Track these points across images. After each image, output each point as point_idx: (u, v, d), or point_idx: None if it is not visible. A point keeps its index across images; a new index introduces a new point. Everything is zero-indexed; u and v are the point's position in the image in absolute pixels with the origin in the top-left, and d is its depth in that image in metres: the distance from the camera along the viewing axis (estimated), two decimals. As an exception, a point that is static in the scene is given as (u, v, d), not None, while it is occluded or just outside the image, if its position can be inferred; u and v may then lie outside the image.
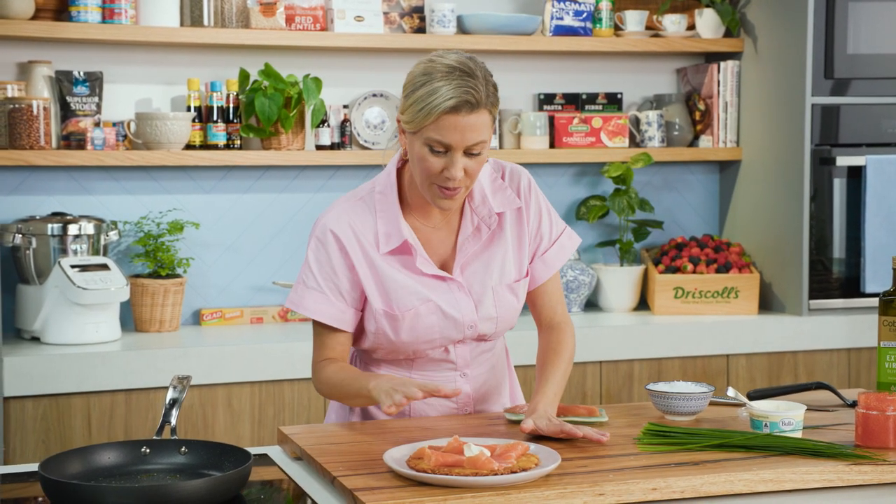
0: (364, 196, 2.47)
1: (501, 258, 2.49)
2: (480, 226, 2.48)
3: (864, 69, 4.20)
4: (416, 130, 2.32)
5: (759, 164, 4.36)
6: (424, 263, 2.44)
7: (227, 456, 2.18)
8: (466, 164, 2.32)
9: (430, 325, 2.44)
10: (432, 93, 2.28)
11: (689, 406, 2.44)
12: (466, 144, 2.30)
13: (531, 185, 2.54)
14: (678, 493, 2.05)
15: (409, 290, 2.43)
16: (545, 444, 2.20)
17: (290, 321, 4.08)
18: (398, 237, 2.42)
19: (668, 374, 4.02)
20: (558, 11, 4.23)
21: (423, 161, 2.33)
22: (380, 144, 4.19)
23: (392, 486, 2.01)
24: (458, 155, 2.31)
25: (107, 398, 3.53)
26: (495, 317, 2.48)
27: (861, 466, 2.13)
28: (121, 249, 3.99)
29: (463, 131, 2.28)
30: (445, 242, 2.49)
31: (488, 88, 2.32)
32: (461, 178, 2.33)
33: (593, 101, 4.40)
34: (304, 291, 2.46)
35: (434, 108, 2.27)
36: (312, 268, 2.45)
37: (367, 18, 4.05)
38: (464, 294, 2.46)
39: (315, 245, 2.45)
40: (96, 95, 3.89)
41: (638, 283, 4.31)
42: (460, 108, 2.27)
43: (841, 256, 4.23)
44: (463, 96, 2.27)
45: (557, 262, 2.56)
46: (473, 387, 2.55)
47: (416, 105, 2.30)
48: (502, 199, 2.49)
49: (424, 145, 2.32)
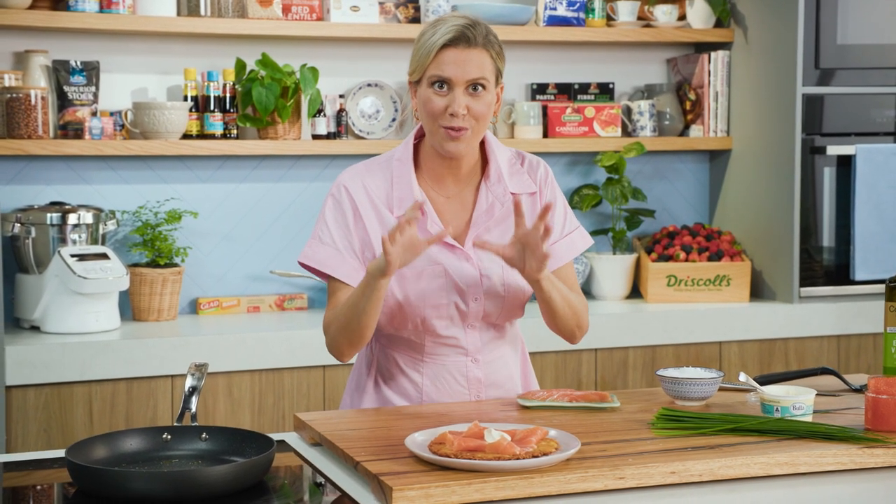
0: (382, 162, 2.56)
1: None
2: (494, 203, 2.53)
3: (853, 59, 4.25)
4: (420, 77, 2.44)
5: (750, 154, 4.40)
6: (435, 227, 2.49)
7: (247, 442, 2.20)
8: (469, 103, 2.41)
9: (437, 288, 2.49)
10: (433, 34, 2.42)
11: (700, 391, 2.47)
12: (466, 79, 2.40)
13: (548, 176, 2.60)
14: (696, 476, 2.08)
15: None
16: (563, 429, 2.24)
17: (286, 310, 4.10)
18: (411, 200, 2.49)
19: (662, 362, 4.06)
20: (552, 2, 4.26)
21: (428, 103, 2.43)
22: (374, 134, 4.21)
23: (415, 470, 2.04)
24: (460, 90, 2.40)
25: (108, 387, 3.54)
26: (503, 296, 2.52)
27: (873, 449, 2.17)
28: (118, 239, 4.00)
29: (462, 65, 2.39)
30: (459, 216, 2.54)
31: (489, 36, 2.44)
32: (464, 115, 2.41)
33: (585, 91, 4.43)
34: (319, 246, 2.52)
35: (433, 44, 2.40)
36: (329, 224, 2.52)
37: (362, 8, 4.07)
38: (472, 266, 2.51)
39: (332, 203, 2.53)
40: (93, 85, 3.90)
41: (630, 271, 4.35)
42: (458, 41, 2.40)
43: (830, 245, 4.28)
44: (461, 30, 2.40)
45: (566, 256, 2.60)
46: (485, 373, 2.58)
47: (419, 50, 2.44)
48: (518, 182, 2.56)
49: (428, 87, 2.42)
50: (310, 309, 4.15)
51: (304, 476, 2.23)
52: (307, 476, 2.22)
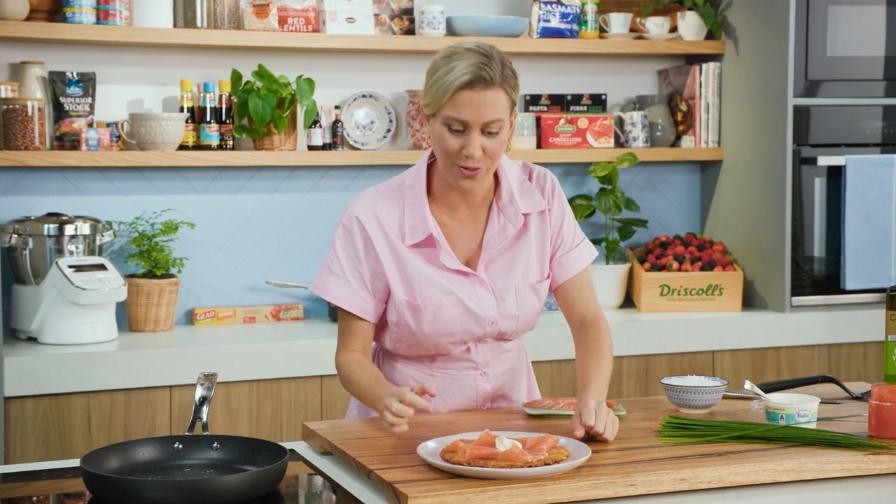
0: (394, 188, 2.52)
1: (525, 258, 2.54)
2: (506, 225, 2.52)
3: (842, 71, 4.30)
4: (434, 112, 2.39)
5: (741, 164, 4.44)
6: (448, 258, 2.48)
7: (259, 451, 2.22)
8: (484, 144, 2.37)
9: (451, 318, 2.48)
10: (448, 71, 2.35)
11: (704, 399, 2.50)
12: (482, 121, 2.35)
13: (556, 188, 2.59)
14: (706, 483, 2.11)
15: (432, 282, 2.47)
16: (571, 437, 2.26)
17: (282, 320, 4.11)
18: (423, 230, 2.47)
19: (656, 371, 4.09)
20: (545, 14, 4.29)
21: (443, 141, 2.38)
22: (369, 145, 4.23)
23: (429, 478, 2.06)
24: (475, 133, 2.35)
25: (106, 398, 3.55)
26: (516, 315, 2.53)
27: (879, 456, 2.20)
28: (114, 250, 4.01)
29: (478, 107, 2.34)
30: (471, 239, 2.53)
31: (504, 71, 2.37)
32: (479, 156, 2.37)
33: (578, 102, 4.46)
34: (329, 277, 2.51)
35: (449, 84, 2.34)
36: (339, 255, 2.50)
37: (358, 20, 4.09)
38: (486, 291, 2.50)
39: (342, 233, 2.51)
40: (90, 96, 3.91)
41: (623, 280, 4.38)
42: (474, 84, 2.33)
43: (821, 254, 4.32)
44: (477, 72, 2.33)
45: (574, 268, 2.60)
46: (493, 386, 2.60)
47: (434, 85, 2.37)
48: (529, 201, 2.54)
49: (443, 125, 2.37)
50: (306, 319, 4.16)
51: (316, 484, 2.24)
52: (319, 484, 2.24)
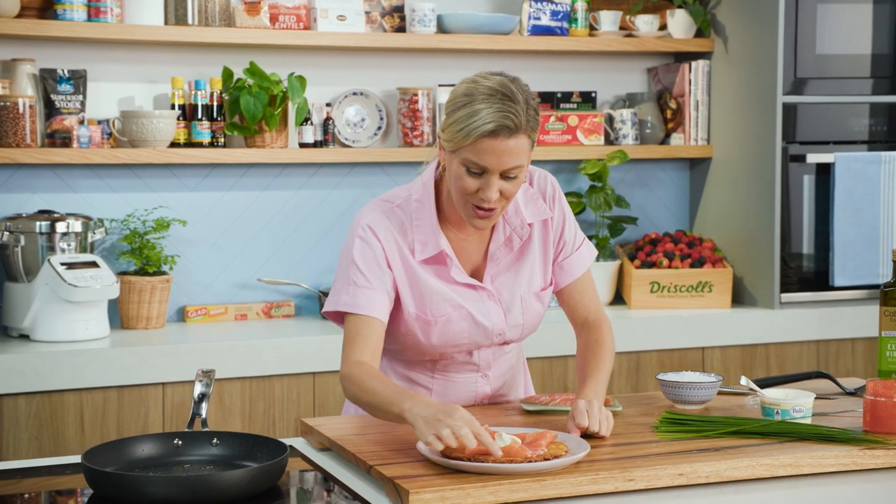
0: (401, 203, 2.48)
1: (530, 268, 2.54)
2: (512, 237, 2.51)
3: (830, 69, 4.32)
4: (454, 150, 2.34)
5: (730, 162, 4.46)
6: (458, 273, 2.48)
7: (259, 447, 2.23)
8: (502, 187, 2.34)
9: (459, 331, 2.48)
10: (472, 115, 2.29)
11: (700, 395, 2.52)
12: (503, 168, 2.31)
13: (556, 192, 2.58)
14: (703, 478, 2.12)
15: (442, 297, 2.46)
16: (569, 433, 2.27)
17: (273, 318, 4.12)
18: (434, 247, 2.45)
19: (646, 367, 4.11)
20: (535, 11, 4.31)
21: (460, 180, 2.35)
22: (360, 142, 4.24)
23: (428, 473, 2.07)
24: (494, 178, 2.32)
25: (99, 395, 3.55)
26: (522, 324, 2.55)
27: (874, 451, 2.22)
28: (105, 247, 4.01)
29: (500, 155, 2.29)
30: (477, 250, 2.53)
31: (528, 113, 2.31)
32: (496, 199, 2.35)
33: (568, 100, 4.47)
34: (357, 291, 2.42)
35: (472, 130, 2.28)
36: (360, 267, 2.43)
37: (349, 18, 4.10)
38: (494, 303, 2.51)
39: (360, 245, 2.44)
40: (80, 93, 3.90)
41: (614, 277, 4.39)
42: (499, 133, 2.28)
43: (810, 251, 4.34)
44: (502, 121, 2.28)
45: (577, 270, 2.60)
46: (493, 387, 2.61)
47: (456, 125, 2.31)
48: (534, 210, 2.53)
49: (461, 165, 2.33)
50: (297, 316, 4.17)
51: (316, 480, 2.25)
52: (319, 480, 2.25)
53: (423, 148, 4.19)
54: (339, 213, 4.24)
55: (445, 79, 4.33)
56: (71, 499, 2.19)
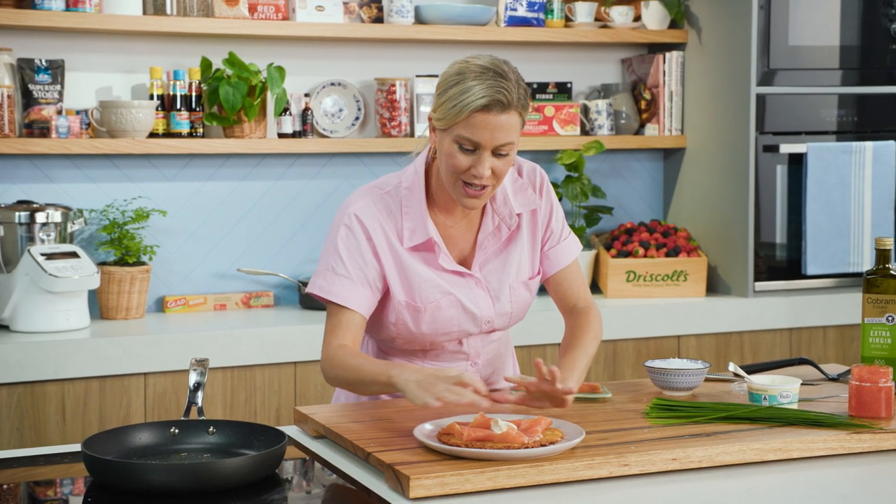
0: (390, 190, 2.52)
1: (518, 256, 2.58)
2: (501, 226, 2.55)
3: (802, 60, 4.37)
4: (446, 128, 2.38)
5: (704, 152, 4.51)
6: (446, 260, 2.51)
7: (255, 435, 2.24)
8: (494, 164, 2.38)
9: (449, 318, 2.51)
10: (465, 91, 2.34)
11: (687, 382, 2.55)
12: (495, 144, 2.35)
13: (545, 183, 2.62)
14: (696, 462, 2.16)
15: (431, 284, 2.49)
16: (567, 419, 2.31)
17: (252, 307, 4.13)
18: (423, 234, 2.48)
19: (623, 355, 4.15)
20: (512, 2, 4.33)
21: (452, 158, 2.38)
22: (338, 133, 4.25)
23: (427, 460, 2.09)
24: (487, 154, 2.36)
25: (81, 385, 3.55)
26: (510, 312, 2.58)
27: (860, 435, 2.27)
28: (84, 238, 4.00)
29: (493, 130, 2.34)
30: (465, 238, 2.56)
31: (520, 91, 2.37)
32: (488, 176, 2.38)
33: (544, 91, 4.51)
34: (334, 279, 2.47)
35: (466, 105, 2.33)
36: (342, 255, 2.47)
37: (327, 8, 4.10)
38: (482, 290, 2.54)
39: (345, 233, 2.48)
40: (58, 83, 3.89)
41: (590, 267, 4.43)
42: (491, 107, 2.33)
43: (783, 241, 4.40)
44: (495, 95, 2.33)
45: (564, 260, 2.64)
46: (483, 375, 2.65)
47: (449, 103, 2.36)
48: (523, 200, 2.57)
49: (454, 143, 2.37)
50: (276, 306, 4.18)
51: (313, 467, 2.27)
52: (316, 468, 2.26)
53: (401, 139, 4.21)
54: (318, 203, 4.25)
55: (423, 69, 4.35)
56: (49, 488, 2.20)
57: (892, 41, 4.46)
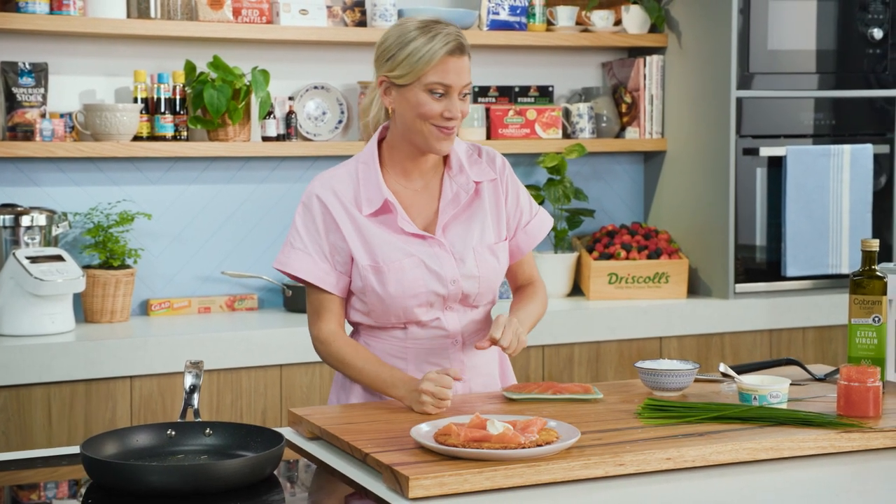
0: (349, 166, 2.67)
1: (481, 222, 2.69)
2: (459, 192, 2.68)
3: (781, 64, 4.42)
4: (411, 82, 2.55)
5: (684, 155, 4.55)
6: (405, 223, 2.62)
7: (252, 437, 2.25)
8: (461, 107, 2.58)
9: (415, 278, 2.60)
10: (428, 41, 2.53)
11: (677, 382, 2.58)
12: (461, 84, 2.56)
13: (506, 165, 2.77)
14: (690, 461, 2.18)
15: (393, 246, 2.61)
16: (561, 420, 2.33)
17: (237, 310, 4.13)
18: (379, 198, 2.61)
19: (606, 357, 4.18)
20: (494, 6, 4.36)
21: (423, 106, 2.55)
22: (321, 136, 4.26)
23: (424, 461, 2.11)
24: (456, 95, 2.56)
25: (66, 389, 3.55)
26: (478, 276, 2.65)
27: (850, 434, 2.30)
28: (68, 241, 4.00)
29: (459, 72, 2.55)
30: (428, 207, 2.67)
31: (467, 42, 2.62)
32: (459, 116, 2.57)
33: (525, 94, 4.53)
34: (291, 252, 2.64)
35: (435, 53, 2.52)
36: (299, 230, 2.64)
37: (311, 12, 4.12)
38: (445, 252, 2.64)
39: (302, 210, 2.64)
40: (42, 87, 3.89)
41: (572, 269, 4.46)
42: (456, 52, 2.54)
43: (762, 243, 4.44)
44: (458, 40, 2.55)
45: (539, 235, 2.79)
46: (467, 355, 2.69)
47: (414, 56, 2.53)
48: (479, 171, 2.71)
49: (424, 91, 2.54)
50: (260, 309, 4.19)
51: (309, 469, 2.28)
52: (313, 469, 2.28)
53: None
54: (302, 206, 4.26)
55: (406, 73, 4.36)
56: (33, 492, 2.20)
57: (869, 45, 4.51)
